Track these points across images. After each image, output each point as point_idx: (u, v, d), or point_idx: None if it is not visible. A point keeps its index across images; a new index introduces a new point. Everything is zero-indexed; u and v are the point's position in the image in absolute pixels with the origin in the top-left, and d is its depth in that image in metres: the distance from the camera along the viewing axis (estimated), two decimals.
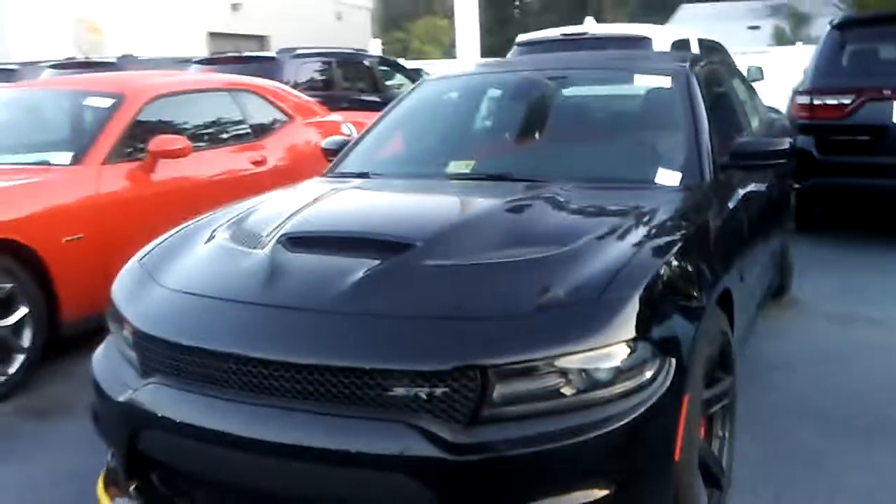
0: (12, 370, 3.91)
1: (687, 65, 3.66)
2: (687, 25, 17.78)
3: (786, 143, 3.25)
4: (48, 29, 17.89)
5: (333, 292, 2.24)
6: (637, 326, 2.11)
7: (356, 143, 3.81)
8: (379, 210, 2.99)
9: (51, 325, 4.07)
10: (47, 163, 4.42)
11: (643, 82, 3.57)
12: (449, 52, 29.28)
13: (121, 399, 2.35)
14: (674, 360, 2.17)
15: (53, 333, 4.10)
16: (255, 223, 2.81)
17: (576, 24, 9.64)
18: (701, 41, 8.17)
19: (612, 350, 2.07)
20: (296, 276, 2.37)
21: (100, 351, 2.67)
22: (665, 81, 3.54)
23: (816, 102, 6.17)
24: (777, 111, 5.96)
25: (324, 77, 9.73)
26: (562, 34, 7.60)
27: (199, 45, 20.45)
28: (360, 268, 2.32)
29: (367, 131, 3.88)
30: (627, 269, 2.27)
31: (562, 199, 2.83)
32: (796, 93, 6.44)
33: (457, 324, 2.11)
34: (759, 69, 8.91)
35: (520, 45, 7.83)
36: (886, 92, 5.91)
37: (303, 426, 2.07)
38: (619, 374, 2.08)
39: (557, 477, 2.03)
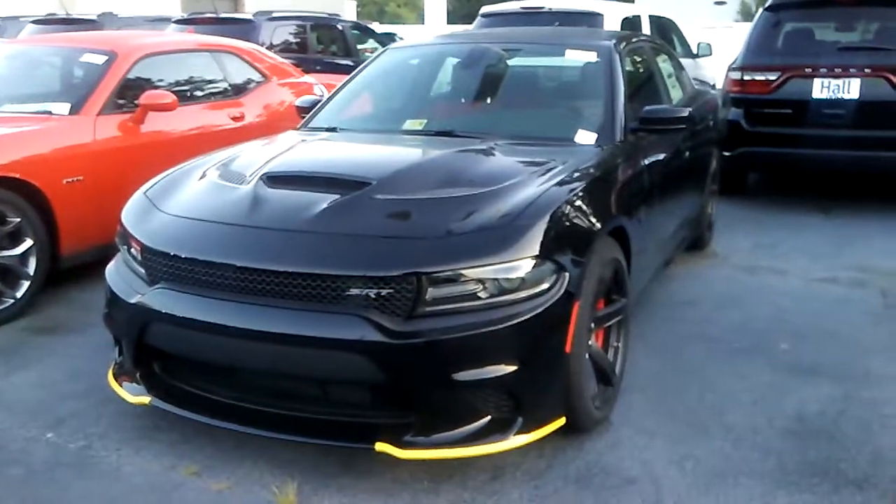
0: (19, 294, 4.46)
1: (612, 42, 4.27)
2: (651, 0, 18.33)
3: (685, 112, 3.88)
4: None
5: (305, 216, 2.85)
6: (539, 247, 2.75)
7: (326, 102, 4.39)
8: (342, 156, 3.59)
9: (52, 257, 4.62)
10: (49, 112, 4.93)
11: (573, 56, 4.18)
12: (422, 16, 29.65)
13: (132, 301, 2.95)
14: (567, 275, 2.81)
15: (54, 264, 4.65)
16: (239, 165, 3.40)
17: None
18: (652, 17, 8.77)
19: (518, 264, 2.71)
20: (274, 204, 2.98)
21: (111, 266, 3.26)
22: (591, 56, 4.16)
23: (746, 78, 6.82)
24: (708, 85, 6.60)
25: (298, 40, 10.21)
26: (521, 7, 8.17)
27: (173, 3, 20.61)
28: (325, 199, 2.93)
29: (337, 92, 4.46)
30: (535, 203, 2.90)
31: (493, 152, 3.46)
32: (730, 69, 7.08)
33: (400, 241, 2.74)
34: (708, 45, 9.54)
35: (483, 16, 8.39)
36: (808, 70, 6.57)
37: (280, 318, 2.68)
38: (524, 282, 2.72)
39: (474, 357, 2.67)
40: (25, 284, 4.50)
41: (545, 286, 2.76)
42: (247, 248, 2.82)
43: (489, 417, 2.74)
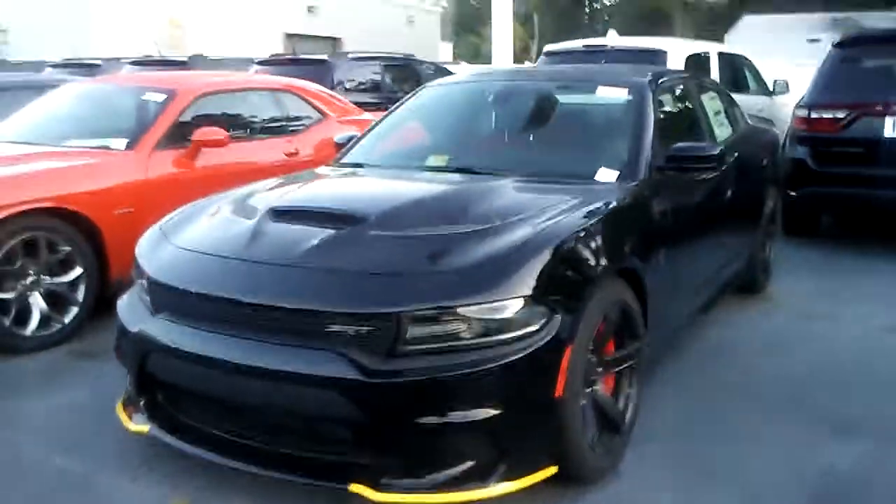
0: (67, 320, 4.66)
1: (647, 80, 4.19)
2: (744, 37, 17.94)
3: (714, 150, 3.75)
4: (130, 26, 19.10)
5: (296, 251, 2.89)
6: (529, 287, 2.69)
7: (360, 139, 4.45)
8: (351, 191, 3.62)
9: (101, 284, 4.81)
10: (107, 147, 5.17)
11: (605, 93, 4.11)
12: (518, 56, 29.89)
13: (135, 330, 3.03)
14: (559, 317, 2.73)
15: (103, 291, 4.84)
16: (254, 199, 3.47)
17: (640, 33, 10.09)
18: (722, 55, 8.56)
19: (504, 304, 2.65)
20: (271, 238, 3.02)
21: (124, 297, 3.37)
22: (622, 93, 4.08)
23: (814, 116, 6.56)
24: (768, 123, 6.38)
25: (372, 79, 10.43)
26: (583, 46, 8.12)
27: (275, 44, 21.42)
28: (321, 234, 2.97)
29: (371, 129, 4.51)
30: (530, 242, 2.84)
31: (504, 189, 3.42)
32: (797, 107, 6.83)
33: (383, 278, 2.73)
34: (785, 83, 9.24)
35: (546, 54, 8.38)
36: (879, 108, 6.27)
37: (263, 353, 2.71)
38: (510, 324, 2.66)
39: (453, 399, 2.62)
40: (74, 311, 4.69)
41: (534, 328, 2.69)
42: (238, 281, 2.86)
43: (470, 463, 2.68)
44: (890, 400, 3.83)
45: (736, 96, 8.55)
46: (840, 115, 6.40)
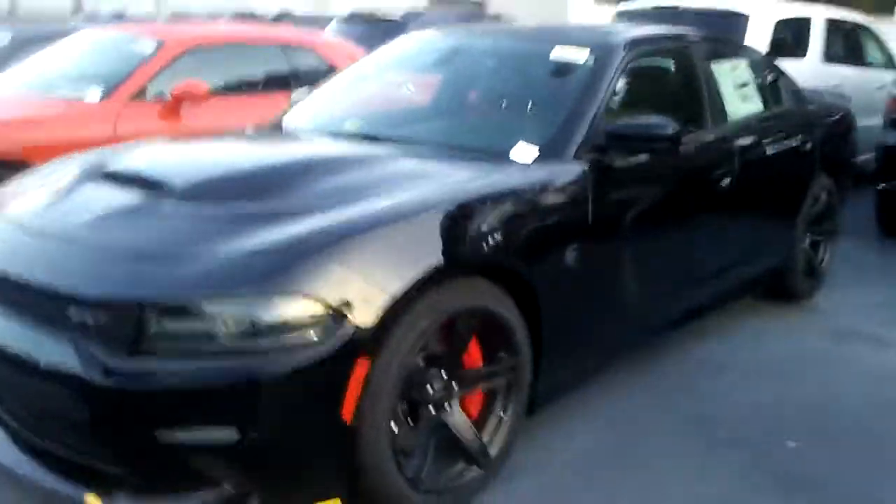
0: None
1: (621, 41, 3.47)
2: None
3: (665, 128, 3.00)
4: None
5: (76, 222, 2.47)
6: (311, 285, 2.14)
7: (308, 97, 3.93)
8: (194, 157, 3.07)
9: None
10: (80, 98, 4.96)
11: (560, 55, 3.41)
12: None
13: None
14: (351, 324, 2.18)
15: None
16: (102, 160, 3.03)
17: None
18: (832, 22, 7.38)
19: (272, 303, 2.13)
20: (65, 206, 2.60)
21: None
22: (581, 56, 3.37)
23: None
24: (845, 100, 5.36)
25: None
26: (653, 7, 7.21)
27: (420, 2, 20.83)
28: (116, 203, 2.53)
29: (320, 88, 4.00)
30: (328, 231, 2.28)
31: (377, 163, 2.85)
32: (893, 84, 5.73)
33: (135, 261, 2.26)
34: None
35: (619, 14, 7.54)
36: None
37: (17, 336, 2.32)
38: (281, 328, 2.13)
39: (198, 413, 2.13)
40: None
41: (312, 336, 2.15)
42: (12, 254, 2.48)
43: (223, 489, 2.19)
44: (873, 459, 3.00)
45: (850, 71, 7.47)
46: None
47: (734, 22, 6.47)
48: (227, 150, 3.22)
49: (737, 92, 4.07)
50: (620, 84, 3.35)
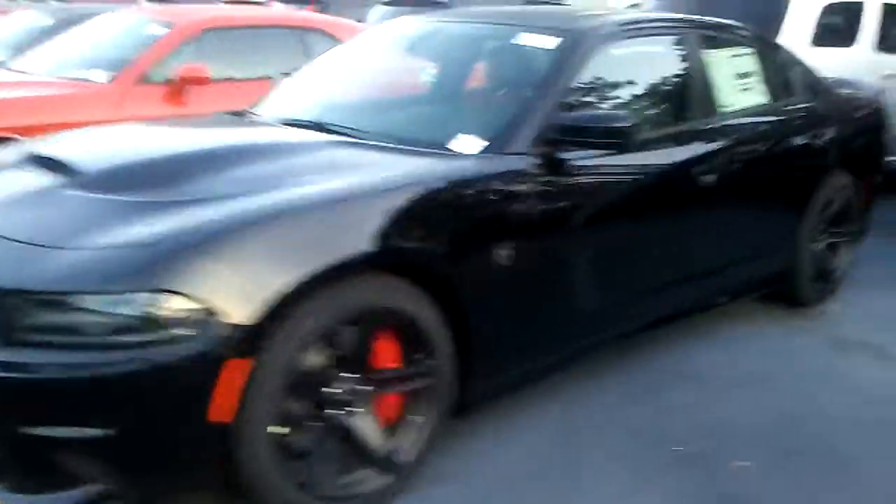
0: None
1: (597, 27, 3.29)
2: None
3: (620, 122, 2.81)
4: None
5: None
6: (181, 280, 2.09)
7: (283, 84, 3.88)
8: (125, 143, 3.02)
9: None
10: (87, 79, 5.03)
11: (526, 41, 3.24)
12: None
13: None
14: (219, 321, 2.11)
15: None
16: (45, 143, 3.05)
17: None
18: (889, 6, 6.89)
19: (135, 297, 2.08)
20: None
21: None
22: (548, 43, 3.20)
23: None
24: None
25: None
26: None
27: None
28: (24, 188, 2.52)
29: (297, 72, 3.93)
30: (203, 226, 2.21)
31: (301, 152, 2.77)
32: None
33: (13, 248, 2.23)
34: None
35: None
36: None
37: None
38: (148, 323, 2.08)
39: (62, 408, 2.10)
40: None
41: (183, 332, 2.09)
42: None
43: (95, 486, 2.16)
44: (835, 483, 2.77)
45: None
46: None
47: (771, 3, 6.11)
48: (157, 137, 3.18)
49: (733, 83, 3.82)
50: (590, 75, 3.19)
